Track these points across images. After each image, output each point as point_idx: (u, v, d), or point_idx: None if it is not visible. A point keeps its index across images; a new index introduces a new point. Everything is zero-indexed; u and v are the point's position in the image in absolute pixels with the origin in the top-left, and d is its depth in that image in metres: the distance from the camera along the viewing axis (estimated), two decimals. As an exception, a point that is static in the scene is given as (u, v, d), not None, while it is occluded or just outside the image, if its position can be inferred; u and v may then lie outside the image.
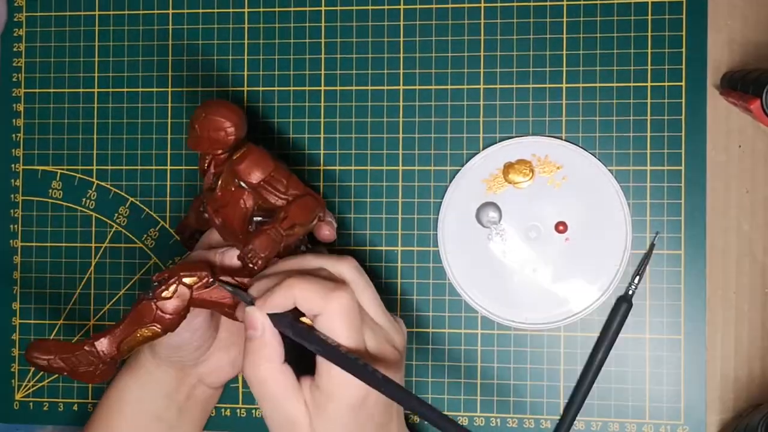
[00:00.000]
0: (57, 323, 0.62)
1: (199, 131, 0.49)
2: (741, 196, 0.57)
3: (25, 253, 0.63)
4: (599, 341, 0.57)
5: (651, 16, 0.58)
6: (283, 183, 0.49)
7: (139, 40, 0.62)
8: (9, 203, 0.63)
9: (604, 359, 0.57)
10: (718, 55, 0.57)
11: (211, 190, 0.50)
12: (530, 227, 0.58)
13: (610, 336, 0.56)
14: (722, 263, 0.57)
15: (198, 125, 0.49)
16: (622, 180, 0.58)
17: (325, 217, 0.52)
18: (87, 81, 0.63)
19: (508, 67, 0.59)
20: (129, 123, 0.62)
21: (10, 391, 0.62)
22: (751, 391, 0.57)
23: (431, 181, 0.59)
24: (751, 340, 0.57)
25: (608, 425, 0.57)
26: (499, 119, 0.59)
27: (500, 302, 0.58)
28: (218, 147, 0.49)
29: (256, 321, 0.44)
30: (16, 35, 0.63)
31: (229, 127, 0.48)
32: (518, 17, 0.59)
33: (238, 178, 0.48)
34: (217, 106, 0.49)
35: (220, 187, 0.49)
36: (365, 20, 0.60)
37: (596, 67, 0.58)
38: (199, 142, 0.49)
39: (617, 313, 0.56)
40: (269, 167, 0.48)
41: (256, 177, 0.48)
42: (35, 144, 0.63)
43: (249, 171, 0.48)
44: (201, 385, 0.55)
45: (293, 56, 0.61)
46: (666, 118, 0.58)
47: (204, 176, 0.51)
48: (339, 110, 0.60)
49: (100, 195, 0.62)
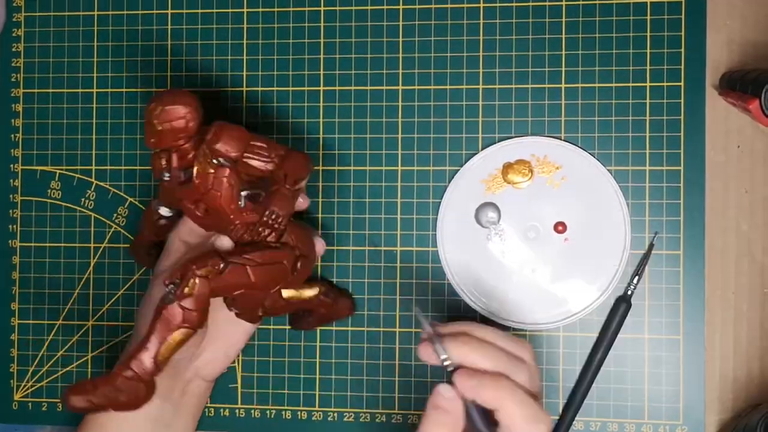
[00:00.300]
0: (56, 323, 0.62)
1: (159, 126, 0.48)
2: (740, 196, 0.57)
3: (24, 253, 0.63)
4: (598, 341, 0.57)
5: (650, 16, 0.58)
6: (265, 147, 0.49)
7: (137, 41, 0.62)
8: (8, 203, 0.63)
9: (603, 359, 0.57)
10: (717, 55, 0.58)
11: (181, 185, 0.49)
12: (529, 227, 0.58)
13: (609, 336, 0.56)
14: (721, 263, 0.57)
15: (156, 120, 0.48)
16: (621, 180, 0.58)
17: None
18: (86, 81, 0.62)
19: (507, 67, 0.59)
20: (128, 123, 0.62)
21: (9, 392, 0.62)
22: (750, 391, 0.57)
23: (430, 182, 0.59)
24: (750, 340, 0.57)
25: (607, 425, 0.57)
26: (498, 119, 0.59)
27: (499, 302, 0.58)
28: (181, 137, 0.48)
29: (451, 400, 0.44)
30: (15, 35, 0.63)
31: (189, 113, 0.48)
32: (517, 17, 0.59)
33: (218, 156, 0.47)
34: (172, 96, 0.48)
35: (197, 175, 0.48)
36: (364, 20, 0.60)
37: (595, 68, 0.58)
38: (161, 137, 0.48)
39: (616, 313, 0.56)
40: (246, 136, 0.48)
41: (237, 149, 0.47)
42: (34, 144, 0.63)
43: (228, 145, 0.47)
44: (197, 378, 0.56)
45: (292, 56, 0.61)
46: (665, 118, 0.58)
47: (162, 177, 0.50)
48: (338, 110, 0.60)
49: (99, 195, 0.62)
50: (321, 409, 0.60)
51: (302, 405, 0.60)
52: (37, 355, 0.62)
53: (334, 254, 0.60)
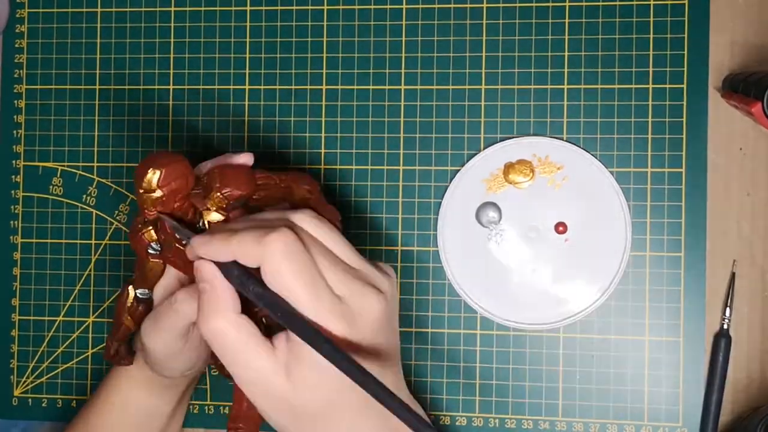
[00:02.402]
0: (56, 320, 0.62)
1: (163, 188, 0.44)
2: (742, 198, 0.57)
3: (25, 249, 0.63)
4: (709, 384, 0.56)
5: (653, 18, 0.58)
6: (268, 175, 0.47)
7: (140, 38, 0.62)
8: (9, 199, 0.63)
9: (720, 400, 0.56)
10: (719, 57, 0.57)
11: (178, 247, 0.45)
12: (530, 227, 0.58)
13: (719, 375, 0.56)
14: (722, 266, 0.57)
15: (160, 183, 0.43)
16: (622, 181, 0.58)
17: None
18: (88, 78, 0.63)
19: (509, 67, 0.59)
20: (130, 120, 0.62)
21: (9, 387, 0.62)
22: (750, 394, 0.57)
23: (432, 181, 0.59)
24: (751, 343, 0.57)
25: (606, 427, 0.57)
26: (501, 120, 0.59)
27: (499, 302, 0.58)
28: (180, 196, 0.44)
29: (205, 270, 0.40)
30: (18, 31, 0.63)
31: (187, 168, 0.44)
32: (520, 18, 0.59)
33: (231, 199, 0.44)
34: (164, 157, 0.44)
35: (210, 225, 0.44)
36: (367, 19, 0.60)
37: (598, 69, 0.58)
38: (167, 200, 0.44)
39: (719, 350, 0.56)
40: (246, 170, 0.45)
41: (247, 188, 0.44)
42: (36, 140, 0.63)
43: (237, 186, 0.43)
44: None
45: (295, 55, 0.61)
46: (667, 120, 0.58)
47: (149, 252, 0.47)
48: (340, 109, 0.60)
49: (101, 192, 0.62)
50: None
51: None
52: (38, 352, 0.62)
53: (335, 253, 0.60)
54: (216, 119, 0.61)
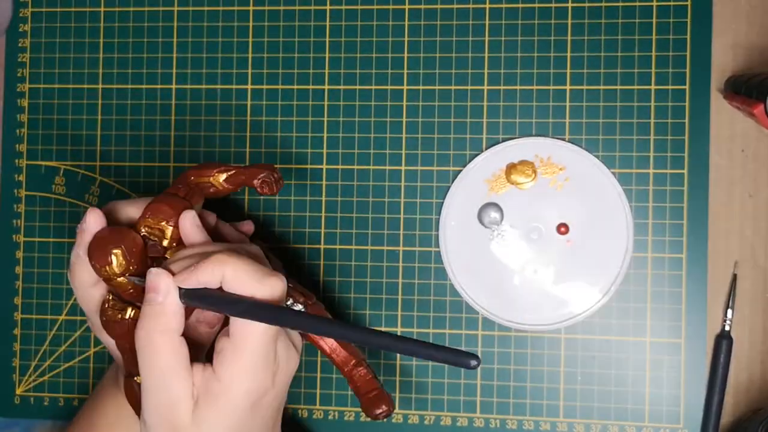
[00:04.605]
0: (59, 318, 0.62)
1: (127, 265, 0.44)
2: (744, 200, 0.57)
3: (28, 248, 0.63)
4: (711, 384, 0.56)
5: (656, 19, 0.58)
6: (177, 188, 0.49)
7: (143, 37, 0.62)
8: (12, 198, 0.63)
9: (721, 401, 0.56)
10: (722, 58, 0.57)
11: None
12: (532, 228, 0.58)
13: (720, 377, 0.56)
14: (724, 267, 0.57)
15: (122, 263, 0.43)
16: (624, 182, 0.58)
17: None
18: (91, 77, 0.63)
19: (512, 68, 0.59)
20: (132, 120, 0.62)
21: (11, 386, 0.63)
22: (750, 396, 0.57)
23: (434, 182, 0.59)
24: (752, 345, 0.57)
25: (608, 428, 0.57)
26: (503, 120, 0.59)
27: (501, 303, 0.58)
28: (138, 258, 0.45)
29: (160, 285, 0.41)
30: (22, 31, 0.63)
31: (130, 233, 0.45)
32: (523, 19, 0.59)
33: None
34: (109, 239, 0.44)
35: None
36: (370, 20, 0.60)
37: (600, 70, 0.58)
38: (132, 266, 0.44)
39: (720, 351, 0.56)
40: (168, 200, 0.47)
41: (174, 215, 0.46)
42: (39, 139, 0.63)
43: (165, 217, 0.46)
44: None
45: (297, 55, 0.61)
46: (669, 122, 0.58)
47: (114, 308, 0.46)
48: (342, 109, 0.60)
49: (103, 191, 0.62)
50: (321, 407, 0.60)
51: (303, 403, 0.60)
52: (40, 350, 0.62)
53: (337, 253, 0.60)
54: (218, 119, 0.61)
